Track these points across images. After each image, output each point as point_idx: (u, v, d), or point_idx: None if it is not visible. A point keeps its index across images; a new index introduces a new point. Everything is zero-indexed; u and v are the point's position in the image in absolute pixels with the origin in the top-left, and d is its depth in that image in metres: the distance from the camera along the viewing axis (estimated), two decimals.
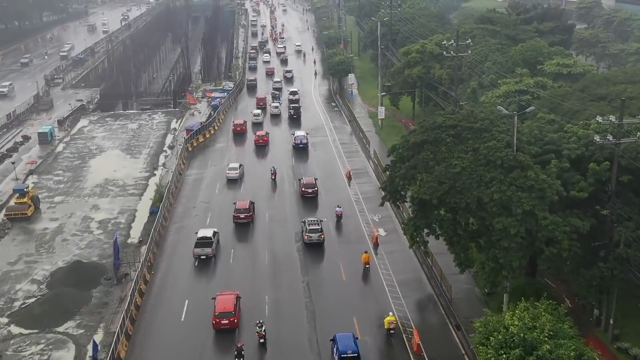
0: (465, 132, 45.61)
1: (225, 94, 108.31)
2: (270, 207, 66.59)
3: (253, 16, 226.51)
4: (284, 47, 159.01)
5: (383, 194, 52.05)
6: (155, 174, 77.77)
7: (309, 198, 67.96)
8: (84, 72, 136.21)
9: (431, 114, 77.48)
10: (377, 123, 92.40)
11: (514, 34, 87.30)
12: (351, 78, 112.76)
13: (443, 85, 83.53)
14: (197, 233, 56.43)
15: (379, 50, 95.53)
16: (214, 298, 46.24)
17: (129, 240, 60.72)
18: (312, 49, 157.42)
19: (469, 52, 72.57)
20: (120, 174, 77.72)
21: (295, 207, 66.50)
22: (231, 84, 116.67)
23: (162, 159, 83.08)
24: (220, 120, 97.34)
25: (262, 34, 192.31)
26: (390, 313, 45.51)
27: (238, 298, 46.72)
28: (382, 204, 54.08)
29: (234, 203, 63.31)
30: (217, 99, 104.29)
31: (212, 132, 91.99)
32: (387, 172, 52.00)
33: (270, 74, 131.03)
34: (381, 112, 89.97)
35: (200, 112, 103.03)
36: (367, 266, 53.07)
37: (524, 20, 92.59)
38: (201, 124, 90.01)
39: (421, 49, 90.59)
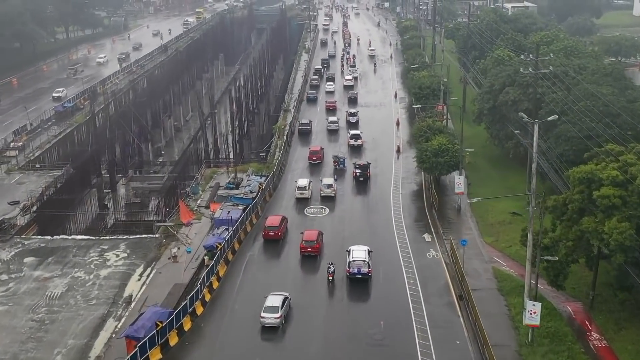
0: None
1: (240, 209, 62.65)
2: None
3: (325, 19, 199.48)
4: (354, 79, 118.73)
5: None
6: None
7: None
8: (64, 131, 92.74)
9: None
10: (521, 324, 44.75)
11: None
12: (459, 181, 65.43)
13: None
14: None
15: (529, 196, 46.40)
16: None
17: None
18: (396, 96, 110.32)
19: None
20: None
21: None
22: (257, 183, 69.80)
23: None
24: (215, 284, 51.81)
25: (335, 42, 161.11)
26: None
27: None
28: None
29: None
30: (218, 233, 58.45)
31: (189, 325, 46.43)
32: None
33: (331, 109, 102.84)
34: (534, 315, 42.08)
35: (190, 250, 57.84)
36: None
37: None
38: (155, 325, 43.53)
39: (619, 178, 42.90)
